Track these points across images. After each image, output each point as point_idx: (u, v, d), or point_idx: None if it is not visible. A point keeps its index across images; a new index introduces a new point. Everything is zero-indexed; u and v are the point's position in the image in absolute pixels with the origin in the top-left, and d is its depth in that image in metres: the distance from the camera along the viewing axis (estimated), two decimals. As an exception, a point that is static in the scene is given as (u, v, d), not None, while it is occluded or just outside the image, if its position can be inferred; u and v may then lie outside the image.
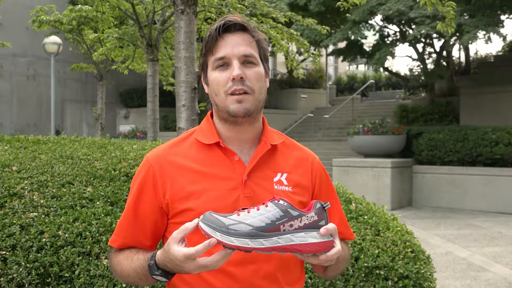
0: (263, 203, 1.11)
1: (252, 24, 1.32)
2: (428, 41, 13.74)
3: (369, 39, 17.49)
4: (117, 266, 1.29)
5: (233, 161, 1.30)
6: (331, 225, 1.12)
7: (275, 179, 1.31)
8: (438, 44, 14.40)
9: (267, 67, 1.34)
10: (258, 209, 1.09)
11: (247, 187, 1.27)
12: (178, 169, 1.29)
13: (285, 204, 1.10)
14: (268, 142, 1.33)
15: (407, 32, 13.13)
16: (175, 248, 1.08)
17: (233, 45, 1.26)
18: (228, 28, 1.27)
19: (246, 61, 1.26)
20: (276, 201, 1.10)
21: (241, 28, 1.28)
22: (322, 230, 1.10)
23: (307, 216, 1.10)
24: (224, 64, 1.26)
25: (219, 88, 1.26)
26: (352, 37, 13.05)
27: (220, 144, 1.31)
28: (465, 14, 11.03)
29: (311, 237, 1.09)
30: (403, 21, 12.50)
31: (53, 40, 12.26)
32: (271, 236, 1.06)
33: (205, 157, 1.31)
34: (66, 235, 2.15)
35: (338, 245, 1.13)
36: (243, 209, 1.10)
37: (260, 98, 1.29)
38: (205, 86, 1.35)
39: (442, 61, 14.28)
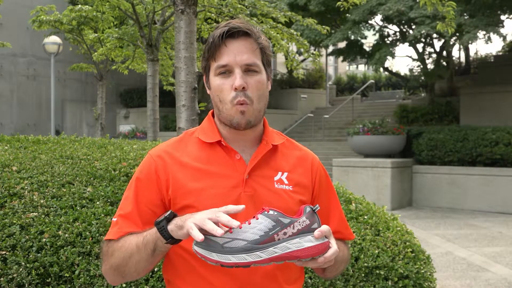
0: (254, 216, 1.11)
1: (256, 27, 1.31)
2: (428, 41, 13.74)
3: (369, 39, 17.48)
4: (119, 243, 1.23)
5: (235, 159, 1.30)
6: (324, 227, 1.13)
7: (276, 178, 1.32)
8: (438, 44, 14.41)
9: (269, 71, 1.34)
10: (249, 223, 1.09)
11: (248, 185, 1.28)
12: (180, 166, 1.29)
13: (275, 213, 1.10)
14: (269, 142, 1.34)
15: (407, 32, 13.13)
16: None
17: (236, 53, 1.25)
18: (232, 34, 1.26)
19: (248, 69, 1.27)
20: (266, 212, 1.10)
21: (244, 34, 1.27)
22: (316, 232, 1.10)
23: (299, 222, 1.10)
24: (226, 71, 1.26)
25: (223, 96, 1.27)
26: (352, 37, 13.05)
27: (222, 143, 1.31)
28: (465, 14, 11.03)
29: (307, 242, 1.09)
30: (403, 21, 12.50)
31: (53, 40, 12.26)
32: (267, 247, 1.06)
33: (206, 155, 1.31)
34: (66, 235, 2.15)
35: (334, 246, 1.14)
36: None
37: (260, 107, 1.29)
38: (207, 88, 1.35)
39: (442, 61, 14.28)
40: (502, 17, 11.88)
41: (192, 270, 1.26)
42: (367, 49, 14.22)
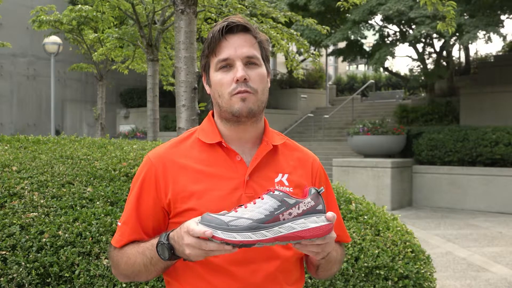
0: (259, 197, 1.12)
1: (254, 25, 1.32)
2: (428, 41, 13.74)
3: (369, 39, 17.49)
4: (122, 256, 1.28)
5: (235, 161, 1.30)
6: (333, 213, 1.13)
7: (276, 180, 1.31)
8: (438, 44, 14.42)
9: (268, 67, 1.35)
10: (254, 203, 1.10)
11: (249, 187, 1.27)
12: (180, 168, 1.29)
13: (281, 194, 1.11)
14: (269, 143, 1.33)
15: (407, 32, 13.13)
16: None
17: (236, 46, 1.26)
18: (231, 29, 1.27)
19: (249, 62, 1.27)
20: (271, 192, 1.11)
21: (243, 29, 1.28)
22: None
23: (304, 203, 1.11)
24: (228, 65, 1.26)
25: (222, 90, 1.27)
26: (352, 37, 13.06)
27: (222, 144, 1.31)
28: (465, 14, 11.03)
29: (311, 222, 1.09)
30: (403, 21, 12.50)
31: (53, 40, 12.26)
32: (272, 227, 1.07)
33: (207, 156, 1.31)
34: (66, 235, 2.15)
35: (333, 233, 1.14)
36: (240, 206, 1.11)
37: (263, 98, 1.30)
38: (206, 87, 1.35)
39: (442, 61, 14.28)
40: (502, 17, 11.88)
41: (192, 271, 1.26)
42: (367, 49, 14.23)
